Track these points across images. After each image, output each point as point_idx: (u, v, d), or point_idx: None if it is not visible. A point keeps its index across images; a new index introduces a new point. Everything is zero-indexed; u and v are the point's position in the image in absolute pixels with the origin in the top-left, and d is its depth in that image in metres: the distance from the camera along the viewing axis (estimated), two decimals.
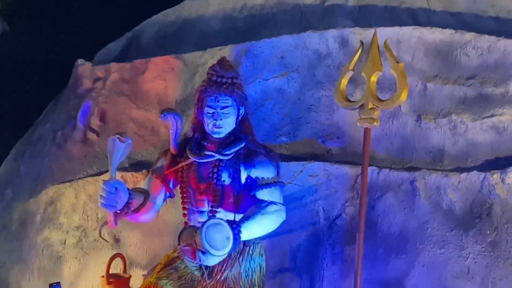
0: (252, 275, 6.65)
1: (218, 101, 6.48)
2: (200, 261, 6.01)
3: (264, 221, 6.30)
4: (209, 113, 6.54)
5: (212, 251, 5.82)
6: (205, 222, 5.92)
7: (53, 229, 9.45)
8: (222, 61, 6.74)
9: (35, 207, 9.82)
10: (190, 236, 6.04)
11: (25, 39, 13.62)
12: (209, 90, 6.54)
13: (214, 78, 6.56)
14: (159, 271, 6.80)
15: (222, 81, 6.52)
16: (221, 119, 6.48)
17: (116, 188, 6.03)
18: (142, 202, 6.41)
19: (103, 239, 8.09)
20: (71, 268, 9.11)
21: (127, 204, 6.16)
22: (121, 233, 8.75)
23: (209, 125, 6.55)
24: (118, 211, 6.16)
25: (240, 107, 6.62)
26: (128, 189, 6.18)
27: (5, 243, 10.10)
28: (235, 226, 6.00)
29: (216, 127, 6.51)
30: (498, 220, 7.30)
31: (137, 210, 6.37)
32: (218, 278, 6.58)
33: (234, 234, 5.96)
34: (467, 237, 7.32)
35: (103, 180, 6.13)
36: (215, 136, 6.58)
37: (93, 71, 10.49)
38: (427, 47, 8.34)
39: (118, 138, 6.06)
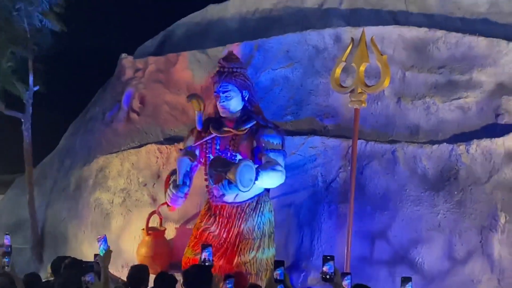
0: (263, 227, 6.74)
1: (220, 87, 6.67)
2: (222, 188, 6.32)
3: (272, 176, 6.47)
4: (215, 96, 6.75)
5: (239, 185, 6.07)
6: (241, 160, 6.22)
7: (103, 191, 9.50)
8: (227, 54, 6.95)
9: (88, 173, 9.86)
10: (222, 165, 6.30)
11: (79, 37, 13.60)
12: (214, 78, 6.78)
13: (218, 68, 6.79)
14: (193, 245, 6.91)
15: (223, 70, 6.70)
16: (223, 101, 6.67)
17: (186, 194, 6.82)
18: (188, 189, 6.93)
19: (159, 215, 8.27)
20: (117, 223, 9.17)
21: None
22: (157, 194, 8.79)
23: (218, 106, 6.75)
24: None
25: (243, 91, 6.73)
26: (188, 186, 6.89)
27: (64, 202, 10.16)
28: (256, 172, 6.22)
29: (222, 108, 6.72)
30: (464, 183, 7.32)
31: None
32: (235, 231, 6.68)
33: (255, 177, 6.21)
34: (438, 197, 7.33)
35: (175, 187, 6.84)
36: (222, 115, 6.76)
37: (134, 63, 10.49)
38: (405, 42, 8.29)
39: (190, 159, 6.83)
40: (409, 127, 7.95)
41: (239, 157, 6.60)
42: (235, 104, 6.70)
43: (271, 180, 6.52)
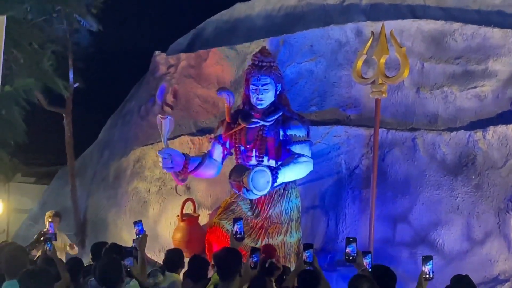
0: (290, 213, 6.78)
1: (259, 80, 6.69)
2: (243, 194, 6.52)
3: (295, 169, 6.59)
4: (253, 89, 6.76)
5: (254, 191, 6.26)
6: (253, 167, 6.32)
7: (140, 180, 9.59)
8: (262, 50, 6.97)
9: (126, 164, 9.96)
10: (239, 174, 6.43)
11: (115, 36, 13.71)
12: (252, 72, 6.78)
13: (256, 62, 6.79)
14: (220, 214, 6.97)
15: (262, 64, 6.72)
16: (262, 94, 6.71)
17: (169, 154, 6.60)
18: (199, 163, 6.85)
19: (178, 194, 8.25)
20: (154, 210, 9.25)
21: (184, 165, 6.71)
22: (191, 183, 8.84)
23: (253, 99, 6.78)
24: (179, 172, 6.74)
25: (278, 84, 6.79)
26: (183, 153, 6.78)
27: (104, 191, 10.28)
28: (274, 172, 6.33)
29: (259, 100, 6.74)
30: (481, 167, 7.32)
31: (195, 169, 6.86)
32: (264, 215, 6.73)
33: (273, 178, 6.30)
34: (456, 181, 7.33)
35: (158, 151, 6.72)
36: (258, 107, 6.78)
37: (167, 60, 10.54)
38: (423, 35, 8.26)
39: (160, 117, 6.64)
40: (428, 115, 7.94)
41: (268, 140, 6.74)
42: (270, 96, 6.78)
43: (295, 172, 6.64)
